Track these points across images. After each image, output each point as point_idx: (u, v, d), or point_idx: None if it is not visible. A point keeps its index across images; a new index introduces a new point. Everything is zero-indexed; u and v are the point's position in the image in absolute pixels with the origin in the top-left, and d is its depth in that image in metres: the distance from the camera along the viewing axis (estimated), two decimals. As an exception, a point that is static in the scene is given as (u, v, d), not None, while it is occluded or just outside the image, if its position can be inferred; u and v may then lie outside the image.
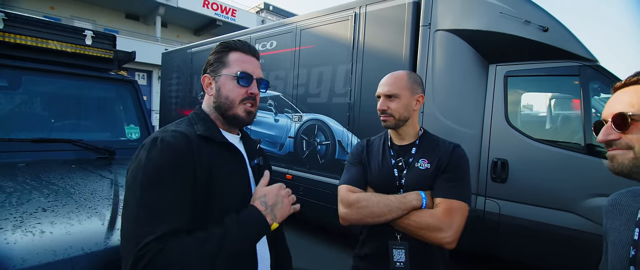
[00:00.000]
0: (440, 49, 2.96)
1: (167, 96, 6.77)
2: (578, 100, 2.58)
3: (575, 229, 2.44)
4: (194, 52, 6.00)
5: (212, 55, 0.97)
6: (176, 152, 0.79)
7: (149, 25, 17.73)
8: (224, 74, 0.94)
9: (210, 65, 0.97)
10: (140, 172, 0.76)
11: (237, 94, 0.93)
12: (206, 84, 0.97)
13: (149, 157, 0.77)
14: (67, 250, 0.93)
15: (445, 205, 1.12)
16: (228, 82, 0.94)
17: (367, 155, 1.35)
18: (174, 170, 0.77)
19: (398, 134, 1.32)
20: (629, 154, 0.71)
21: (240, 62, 0.95)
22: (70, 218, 1.10)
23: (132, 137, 2.32)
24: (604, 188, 2.36)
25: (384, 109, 1.26)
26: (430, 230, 1.10)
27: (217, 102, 0.95)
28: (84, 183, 1.48)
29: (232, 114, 0.94)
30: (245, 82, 0.94)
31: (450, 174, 1.19)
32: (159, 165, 0.77)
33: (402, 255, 1.20)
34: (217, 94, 0.95)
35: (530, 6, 2.67)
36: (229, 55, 0.95)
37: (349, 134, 3.56)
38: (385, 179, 1.26)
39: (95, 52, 2.38)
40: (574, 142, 2.60)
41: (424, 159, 1.24)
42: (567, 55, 2.59)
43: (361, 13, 3.48)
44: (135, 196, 0.75)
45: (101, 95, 2.38)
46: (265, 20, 19.00)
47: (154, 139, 0.80)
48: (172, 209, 0.74)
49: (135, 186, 0.76)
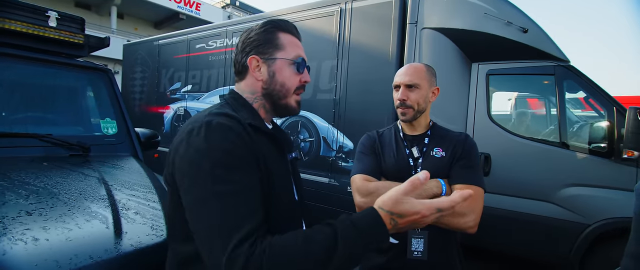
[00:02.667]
0: (427, 46, 3.03)
1: (129, 92, 6.25)
2: (552, 97, 2.77)
3: (552, 217, 2.62)
4: (162, 45, 5.61)
5: (257, 34, 0.85)
6: (239, 136, 0.68)
7: (102, 16, 16.37)
8: (280, 58, 0.83)
9: (257, 45, 0.84)
10: (205, 160, 0.64)
11: (294, 81, 0.84)
12: (253, 67, 0.84)
13: (210, 141, 0.65)
14: (73, 259, 0.79)
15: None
16: (286, 68, 0.84)
17: (380, 146, 1.34)
18: (243, 155, 0.67)
19: (411, 125, 1.32)
20: None
21: (295, 46, 0.86)
22: (65, 222, 0.93)
23: (108, 132, 2.08)
24: (578, 178, 2.56)
25: (404, 100, 1.25)
26: (454, 216, 1.10)
27: (269, 88, 0.84)
28: (67, 182, 1.28)
29: (285, 103, 0.85)
30: (301, 70, 0.85)
31: (466, 160, 1.21)
32: (225, 149, 0.65)
33: (420, 244, 1.21)
34: (271, 80, 0.83)
35: (511, 8, 2.82)
36: (280, 36, 0.85)
37: (334, 130, 3.53)
38: (401, 168, 1.26)
39: (62, 36, 2.10)
40: (550, 136, 2.80)
41: (438, 148, 1.26)
42: (543, 55, 2.77)
43: (347, 9, 3.46)
44: (206, 188, 0.63)
45: (71, 85, 2.11)
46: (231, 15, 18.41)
47: (208, 122, 0.68)
48: (254, 198, 0.65)
49: (202, 177, 0.63)
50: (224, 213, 0.61)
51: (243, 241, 0.58)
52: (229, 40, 4.53)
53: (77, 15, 2.31)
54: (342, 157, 3.47)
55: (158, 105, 5.62)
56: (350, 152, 3.40)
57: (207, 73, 4.82)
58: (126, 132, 2.13)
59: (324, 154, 3.61)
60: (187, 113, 5.04)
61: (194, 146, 0.66)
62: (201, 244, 0.63)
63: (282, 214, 0.75)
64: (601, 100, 2.65)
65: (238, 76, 0.88)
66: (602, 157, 2.48)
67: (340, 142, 3.48)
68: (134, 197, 1.26)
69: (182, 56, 5.20)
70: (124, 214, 1.06)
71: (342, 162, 3.45)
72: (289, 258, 0.58)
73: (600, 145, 2.46)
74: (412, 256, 1.20)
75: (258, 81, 0.84)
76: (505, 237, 2.83)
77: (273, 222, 0.71)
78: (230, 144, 0.66)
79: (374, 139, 1.37)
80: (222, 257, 0.57)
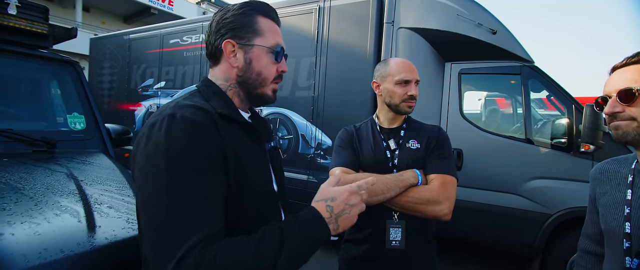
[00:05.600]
0: (403, 45, 3.11)
1: (97, 88, 5.94)
2: (519, 95, 2.94)
3: (518, 208, 2.78)
4: (133, 39, 5.38)
5: (233, 16, 0.78)
6: (203, 131, 0.64)
7: (66, 8, 15.41)
8: (258, 45, 0.78)
9: (233, 28, 0.77)
10: (162, 157, 0.60)
11: (271, 71, 0.80)
12: (228, 52, 0.78)
13: (170, 137, 0.61)
14: (42, 253, 0.74)
15: (440, 180, 1.20)
16: (263, 56, 0.79)
17: (358, 139, 1.38)
18: (205, 153, 0.63)
19: (393, 118, 1.37)
20: (633, 124, 0.82)
21: (274, 32, 0.81)
22: (32, 217, 0.88)
23: (76, 128, 1.97)
24: (541, 171, 2.73)
25: (414, 95, 1.30)
26: (429, 204, 1.16)
27: (245, 76, 0.79)
28: (31, 177, 1.20)
29: (261, 93, 0.81)
30: (279, 59, 0.81)
31: (440, 151, 1.28)
32: (186, 146, 0.61)
33: (398, 233, 1.26)
34: (247, 68, 0.78)
35: (481, 11, 2.96)
36: (259, 20, 0.79)
37: (313, 127, 3.54)
38: (379, 161, 1.31)
39: (23, 25, 1.96)
40: (517, 132, 2.96)
41: (413, 140, 1.32)
42: (510, 56, 2.94)
43: (325, 7, 3.49)
44: (159, 188, 0.58)
45: (33, 77, 1.98)
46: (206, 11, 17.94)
47: (171, 115, 0.63)
48: (212, 203, 0.61)
49: (157, 175, 0.59)
50: (175, 217, 0.57)
51: (192, 249, 0.55)
52: (205, 35, 4.42)
53: (40, 4, 2.17)
54: (320, 154, 3.49)
55: (129, 103, 5.38)
56: (328, 149, 3.42)
57: (182, 69, 4.67)
58: (95, 128, 2.03)
59: (302, 151, 3.61)
60: (160, 110, 4.86)
61: (153, 141, 0.62)
62: (148, 247, 0.58)
63: (259, 206, 0.72)
64: (562, 98, 2.85)
65: (211, 60, 0.82)
66: (562, 151, 2.66)
67: (318, 139, 3.50)
68: (106, 192, 1.21)
69: (155, 51, 5.01)
70: (96, 208, 1.01)
71: (320, 159, 3.47)
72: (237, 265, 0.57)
73: (560, 141, 2.64)
74: (391, 245, 1.24)
75: (233, 68, 0.79)
76: (477, 229, 2.97)
77: (250, 214, 0.70)
78: (191, 141, 0.62)
79: (351, 133, 1.41)
80: (168, 266, 0.54)
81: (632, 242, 0.84)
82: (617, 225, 0.88)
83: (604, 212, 0.94)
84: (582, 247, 1.09)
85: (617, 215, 0.89)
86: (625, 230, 0.86)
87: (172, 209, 0.57)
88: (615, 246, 0.89)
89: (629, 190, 0.88)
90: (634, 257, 0.83)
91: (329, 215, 0.69)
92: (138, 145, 0.65)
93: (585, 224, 1.09)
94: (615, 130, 0.85)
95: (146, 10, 16.32)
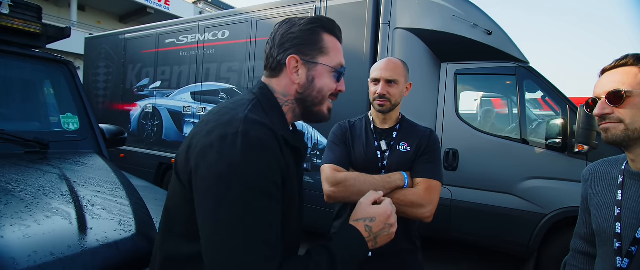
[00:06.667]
0: (399, 46, 3.12)
1: (91, 88, 5.89)
2: (514, 96, 2.96)
3: (514, 208, 2.80)
4: (129, 39, 5.34)
5: (301, 31, 0.76)
6: (275, 155, 0.63)
7: (61, 7, 15.30)
8: (323, 64, 0.77)
9: (299, 44, 0.76)
10: (238, 180, 0.58)
11: (330, 89, 0.79)
12: (291, 67, 0.76)
13: (246, 158, 0.59)
14: (32, 256, 0.74)
15: (426, 185, 1.23)
16: (326, 75, 0.77)
17: (351, 137, 1.39)
18: (274, 179, 0.62)
19: (384, 118, 1.38)
20: (621, 126, 0.82)
21: (338, 51, 0.79)
22: (22, 219, 0.87)
23: (69, 128, 1.95)
24: (536, 172, 2.75)
25: (384, 94, 1.30)
26: (413, 207, 1.20)
27: (305, 93, 0.77)
28: (22, 179, 1.19)
29: (318, 111, 0.80)
30: (339, 78, 0.80)
31: (428, 156, 1.30)
32: (261, 171, 0.60)
33: None
34: (308, 85, 0.77)
35: (477, 11, 2.97)
36: (324, 38, 0.77)
37: (309, 127, 3.54)
38: (369, 160, 1.33)
39: (16, 24, 1.94)
40: (512, 133, 2.98)
41: (404, 143, 1.34)
42: (505, 56, 2.95)
43: (322, 7, 3.49)
44: (234, 214, 0.58)
45: (26, 77, 1.96)
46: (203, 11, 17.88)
47: (245, 132, 0.61)
48: (279, 232, 0.61)
49: (232, 199, 0.58)
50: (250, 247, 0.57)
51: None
52: (201, 35, 4.40)
53: (33, 3, 2.15)
54: (316, 155, 3.48)
55: (124, 103, 5.34)
56: (324, 150, 3.42)
57: (178, 69, 4.65)
58: (89, 128, 2.01)
59: (299, 151, 3.60)
60: (156, 110, 4.83)
61: (227, 159, 0.59)
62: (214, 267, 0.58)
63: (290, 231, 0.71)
64: (557, 99, 2.87)
65: (270, 72, 0.80)
66: (557, 152, 2.68)
67: (314, 139, 3.49)
68: (99, 193, 1.20)
69: (151, 51, 4.98)
70: (88, 210, 1.00)
71: (316, 159, 3.47)
72: None
73: (555, 141, 2.66)
74: None
75: (294, 84, 0.77)
76: (472, 228, 2.98)
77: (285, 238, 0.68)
78: (265, 165, 0.61)
79: (345, 129, 1.42)
80: None
81: (622, 242, 0.85)
82: (608, 226, 0.89)
83: (595, 212, 0.95)
84: (575, 247, 1.10)
85: (608, 216, 0.90)
86: (616, 230, 0.86)
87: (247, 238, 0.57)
88: (606, 246, 0.90)
89: (620, 191, 0.89)
90: (624, 257, 0.84)
91: (368, 235, 0.72)
92: (204, 156, 0.62)
93: (577, 224, 1.09)
94: (604, 132, 0.86)
95: (142, 10, 16.25)
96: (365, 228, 0.72)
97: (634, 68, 0.82)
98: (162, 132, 4.73)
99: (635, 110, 0.80)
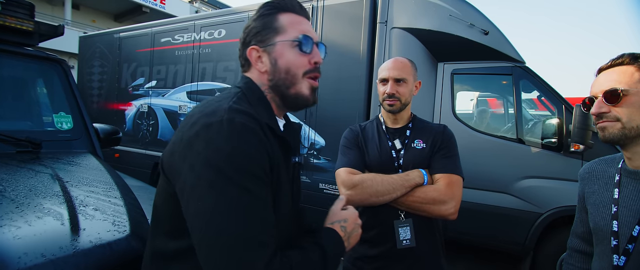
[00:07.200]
0: (396, 45, 3.12)
1: (86, 87, 5.83)
2: (510, 96, 2.97)
3: (510, 207, 2.81)
4: (123, 38, 5.30)
5: (255, 21, 0.76)
6: (260, 140, 0.62)
7: (55, 6, 15.13)
8: (280, 41, 0.74)
9: (256, 33, 0.75)
10: (228, 164, 0.57)
11: (300, 64, 0.74)
12: (255, 59, 0.75)
13: (234, 143, 0.59)
14: (22, 257, 0.72)
15: (446, 180, 1.19)
16: (287, 51, 0.74)
17: (363, 139, 1.37)
18: (263, 164, 0.61)
19: (394, 118, 1.36)
20: (618, 125, 0.82)
21: (296, 24, 0.75)
22: (13, 220, 0.85)
23: (62, 127, 1.92)
24: (532, 171, 2.76)
25: (393, 93, 1.28)
26: (435, 204, 1.16)
27: (275, 79, 0.75)
28: (14, 179, 1.16)
29: (295, 93, 0.75)
30: (308, 49, 0.74)
31: (445, 151, 1.26)
32: (251, 156, 0.59)
33: (407, 232, 1.24)
34: (274, 69, 0.74)
35: (473, 11, 2.98)
36: (279, 17, 0.75)
37: (306, 127, 3.53)
38: (384, 161, 1.30)
39: (8, 21, 1.91)
40: (508, 132, 2.99)
41: (419, 140, 1.30)
42: (502, 56, 2.96)
43: (319, 6, 3.48)
44: (228, 197, 0.56)
45: (18, 76, 1.93)
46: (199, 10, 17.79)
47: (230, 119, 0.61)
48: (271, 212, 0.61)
49: (225, 183, 0.57)
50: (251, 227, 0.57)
51: (273, 258, 0.57)
52: (197, 34, 4.38)
53: (25, 0, 2.12)
54: (313, 155, 3.47)
55: (119, 102, 5.30)
56: (322, 149, 3.41)
57: (173, 68, 4.62)
58: (83, 127, 1.98)
59: (295, 151, 3.59)
60: (151, 110, 4.79)
61: (214, 145, 0.59)
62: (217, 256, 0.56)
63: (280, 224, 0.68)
64: (552, 98, 2.88)
65: (244, 71, 0.80)
66: (553, 151, 2.69)
67: (312, 139, 3.48)
68: (93, 193, 1.18)
69: (146, 50, 4.94)
70: (81, 211, 0.98)
71: (313, 159, 3.46)
72: None
73: (551, 140, 2.67)
74: (402, 245, 1.22)
75: (263, 74, 0.75)
76: (469, 228, 2.99)
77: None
78: (255, 151, 0.60)
79: (357, 132, 1.39)
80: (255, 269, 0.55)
81: (619, 240, 0.85)
82: (605, 224, 0.89)
83: (592, 211, 0.95)
84: (572, 245, 1.10)
85: (605, 214, 0.90)
86: (612, 228, 0.86)
87: (247, 218, 0.57)
88: (603, 244, 0.90)
89: (616, 189, 0.89)
90: (621, 255, 0.84)
91: (343, 235, 0.76)
92: (190, 145, 0.61)
93: (574, 223, 1.10)
94: (601, 131, 0.86)
95: (137, 9, 16.13)
96: (341, 228, 0.76)
97: (630, 67, 0.83)
98: (157, 131, 4.70)
99: (631, 109, 0.80)
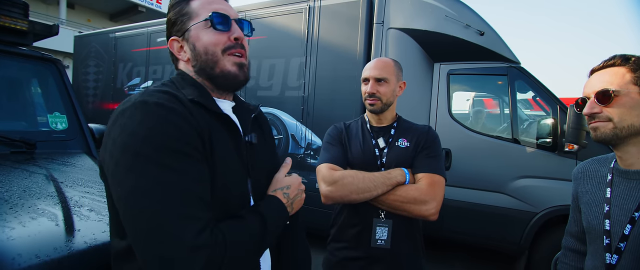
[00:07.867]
0: (393, 46, 3.13)
1: (81, 87, 5.79)
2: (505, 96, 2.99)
3: (505, 207, 2.83)
4: (119, 37, 5.27)
5: (171, 13, 0.76)
6: (180, 115, 0.60)
7: (49, 5, 15.00)
8: (194, 25, 0.73)
9: (173, 24, 0.76)
10: (144, 144, 0.56)
11: (217, 42, 0.73)
12: (177, 50, 0.76)
13: (148, 123, 0.57)
14: (16, 259, 0.71)
15: (428, 180, 1.19)
16: (202, 32, 0.73)
17: (347, 137, 1.37)
18: (186, 139, 0.59)
19: (378, 118, 1.36)
20: (609, 125, 0.83)
21: (207, 4, 0.74)
22: (6, 221, 0.85)
23: (57, 128, 1.91)
24: (527, 171, 2.78)
25: (373, 93, 1.28)
26: (416, 203, 1.15)
27: (198, 63, 0.74)
28: (8, 179, 1.16)
29: (220, 71, 0.73)
30: (224, 26, 0.73)
31: (428, 150, 1.27)
32: (165, 131, 0.57)
33: (384, 233, 1.24)
34: (195, 54, 0.74)
35: (469, 12, 3.00)
36: (190, 4, 0.75)
37: (303, 127, 3.53)
38: (367, 158, 1.29)
39: (2, 21, 1.89)
40: (504, 132, 3.01)
41: (403, 139, 1.31)
42: (497, 57, 2.98)
43: (315, 6, 3.48)
44: (148, 177, 0.55)
45: (12, 76, 1.91)
46: (196, 10, 17.68)
47: (143, 101, 0.60)
48: (203, 187, 0.59)
49: (143, 164, 0.55)
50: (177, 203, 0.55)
51: (203, 230, 0.55)
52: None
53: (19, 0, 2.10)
54: (310, 154, 3.48)
55: (115, 102, 5.26)
56: (319, 149, 3.41)
57: (170, 68, 4.59)
58: (78, 128, 1.97)
59: (292, 151, 3.59)
60: (147, 110, 4.77)
61: (128, 129, 0.58)
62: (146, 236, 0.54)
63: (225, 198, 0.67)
64: (547, 99, 2.90)
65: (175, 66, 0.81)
66: (547, 151, 2.71)
67: (308, 139, 3.49)
68: (88, 194, 1.17)
69: (142, 50, 4.91)
70: (76, 211, 0.98)
71: (310, 159, 3.46)
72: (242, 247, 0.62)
73: (546, 140, 2.70)
74: (376, 244, 1.22)
75: (187, 62, 0.76)
76: (464, 227, 3.00)
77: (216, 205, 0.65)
78: (173, 129, 0.59)
79: (341, 130, 1.40)
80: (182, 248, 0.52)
81: (611, 239, 0.86)
82: (598, 223, 0.90)
83: (585, 210, 0.96)
84: (566, 244, 1.11)
85: (598, 213, 0.91)
86: (605, 227, 0.87)
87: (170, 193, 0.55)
88: (596, 243, 0.91)
89: (608, 188, 0.90)
90: (613, 253, 0.85)
91: (286, 201, 0.79)
92: (109, 135, 0.61)
93: (568, 222, 1.11)
94: (593, 131, 0.87)
95: (133, 8, 16.02)
96: (284, 195, 0.79)
97: (622, 68, 0.84)
98: (153, 132, 4.67)
99: (622, 109, 0.81)
